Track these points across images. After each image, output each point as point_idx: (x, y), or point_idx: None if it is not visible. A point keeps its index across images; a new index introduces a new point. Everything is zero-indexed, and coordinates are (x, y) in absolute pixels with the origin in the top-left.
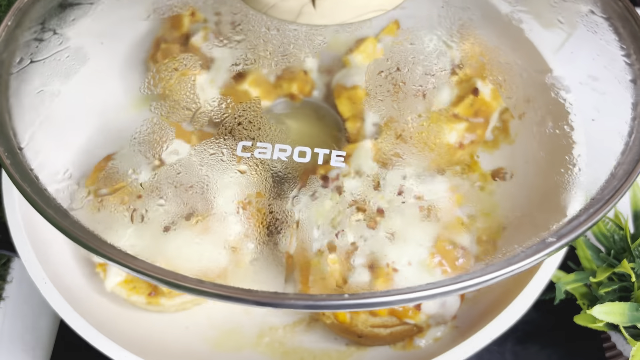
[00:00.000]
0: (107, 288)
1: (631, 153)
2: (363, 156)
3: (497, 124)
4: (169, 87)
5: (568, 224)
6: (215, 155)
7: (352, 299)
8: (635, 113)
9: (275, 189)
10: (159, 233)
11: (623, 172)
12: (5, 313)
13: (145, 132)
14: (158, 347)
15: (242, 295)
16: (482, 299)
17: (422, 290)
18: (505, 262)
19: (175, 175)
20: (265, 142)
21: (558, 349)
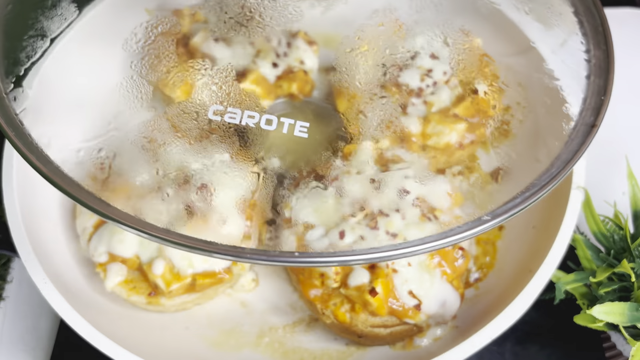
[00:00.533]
0: (107, 288)
1: (572, 143)
2: (363, 156)
3: (497, 124)
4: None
5: (504, 205)
6: (188, 115)
7: (301, 257)
8: (582, 107)
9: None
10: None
11: (561, 162)
12: (5, 313)
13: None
14: (158, 346)
15: (203, 246)
16: (482, 299)
17: (363, 254)
18: (443, 235)
19: (151, 132)
20: (235, 108)
21: (558, 349)
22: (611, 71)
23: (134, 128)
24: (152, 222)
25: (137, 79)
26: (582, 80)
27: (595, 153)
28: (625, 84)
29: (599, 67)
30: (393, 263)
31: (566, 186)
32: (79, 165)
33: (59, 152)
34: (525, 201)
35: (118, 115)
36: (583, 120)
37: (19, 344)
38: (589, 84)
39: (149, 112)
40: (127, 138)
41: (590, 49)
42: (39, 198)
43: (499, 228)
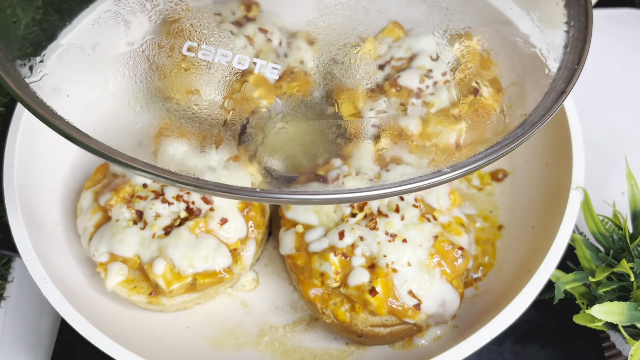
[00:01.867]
0: (108, 288)
1: (540, 109)
2: (363, 156)
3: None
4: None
5: (466, 160)
6: (163, 50)
7: (262, 192)
8: (556, 75)
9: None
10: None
11: (528, 124)
12: (6, 313)
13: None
14: (158, 346)
15: (169, 176)
16: (481, 299)
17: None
18: (403, 182)
19: (126, 63)
20: (209, 45)
21: (557, 349)
22: (587, 42)
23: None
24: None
25: (117, 13)
26: (558, 49)
27: (595, 153)
28: (626, 84)
29: (577, 38)
30: (393, 263)
31: (565, 186)
32: (55, 92)
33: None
34: (486, 157)
35: (96, 47)
36: (554, 87)
37: (20, 344)
38: (565, 54)
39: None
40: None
41: (570, 20)
42: (40, 198)
43: (499, 228)
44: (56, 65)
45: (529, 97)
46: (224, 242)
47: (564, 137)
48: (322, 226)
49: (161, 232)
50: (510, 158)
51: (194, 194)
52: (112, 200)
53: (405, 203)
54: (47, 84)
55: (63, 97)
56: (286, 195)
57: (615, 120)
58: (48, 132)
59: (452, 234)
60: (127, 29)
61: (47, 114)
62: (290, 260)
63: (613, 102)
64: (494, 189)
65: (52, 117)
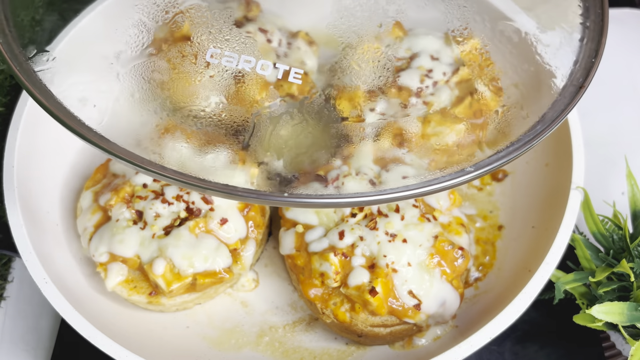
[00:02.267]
0: (108, 288)
1: (559, 103)
2: (363, 157)
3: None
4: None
5: (487, 159)
6: (186, 57)
7: (290, 197)
8: (573, 69)
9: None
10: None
11: (547, 120)
12: (6, 313)
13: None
14: (158, 346)
15: (198, 184)
16: (481, 299)
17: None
18: (426, 183)
19: (150, 72)
20: (232, 52)
21: (557, 349)
22: (604, 35)
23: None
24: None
25: (143, 21)
26: (575, 43)
27: (595, 153)
28: (626, 84)
29: (593, 31)
30: (393, 263)
31: (565, 186)
32: (81, 102)
33: (59, 87)
34: (508, 154)
35: (119, 55)
36: (572, 82)
37: (20, 344)
38: (582, 47)
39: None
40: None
41: (586, 13)
42: (40, 198)
43: (499, 228)
44: (80, 74)
45: (545, 93)
46: (224, 242)
47: (564, 137)
48: (322, 226)
49: (161, 232)
50: None
51: (193, 194)
52: (112, 200)
53: (405, 203)
54: (68, 91)
55: (89, 107)
56: (314, 199)
57: (615, 120)
58: (48, 132)
59: (452, 234)
60: (148, 36)
61: (50, 104)
62: (290, 260)
63: (613, 102)
64: (494, 189)
65: (62, 113)
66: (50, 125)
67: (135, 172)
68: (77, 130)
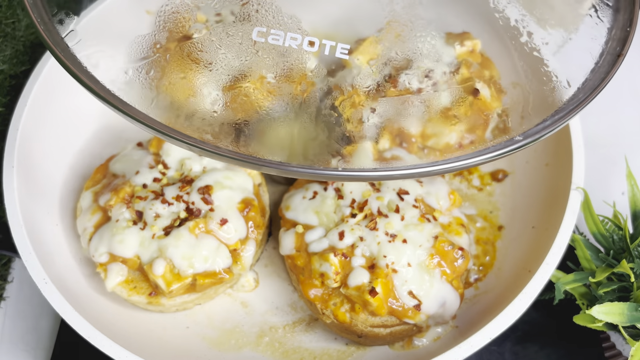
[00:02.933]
0: (108, 288)
1: (599, 71)
2: (363, 157)
3: (498, 124)
4: None
5: (535, 127)
6: (233, 37)
7: (344, 171)
8: (608, 37)
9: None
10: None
11: (589, 88)
12: (5, 313)
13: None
14: (158, 346)
15: (254, 162)
16: (481, 299)
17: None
18: (477, 153)
19: (197, 52)
20: (278, 30)
21: (557, 349)
22: (637, 4)
23: (179, 49)
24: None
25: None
26: (609, 12)
27: (595, 153)
28: (626, 84)
29: (626, 1)
30: (393, 263)
31: (565, 186)
32: (127, 85)
33: (106, 72)
34: (555, 123)
35: (161, 34)
36: (610, 50)
37: (20, 344)
38: (616, 17)
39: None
40: (174, 59)
41: None
42: (40, 198)
43: (499, 228)
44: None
45: (582, 61)
46: (224, 242)
47: (564, 137)
48: (322, 226)
49: (161, 233)
50: (510, 158)
51: (193, 195)
52: (112, 200)
53: (405, 203)
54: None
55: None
56: (366, 172)
57: (615, 120)
58: (48, 132)
59: (452, 235)
60: (194, 16)
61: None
62: (290, 260)
63: (613, 103)
64: (494, 189)
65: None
66: (50, 125)
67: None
68: (124, 111)
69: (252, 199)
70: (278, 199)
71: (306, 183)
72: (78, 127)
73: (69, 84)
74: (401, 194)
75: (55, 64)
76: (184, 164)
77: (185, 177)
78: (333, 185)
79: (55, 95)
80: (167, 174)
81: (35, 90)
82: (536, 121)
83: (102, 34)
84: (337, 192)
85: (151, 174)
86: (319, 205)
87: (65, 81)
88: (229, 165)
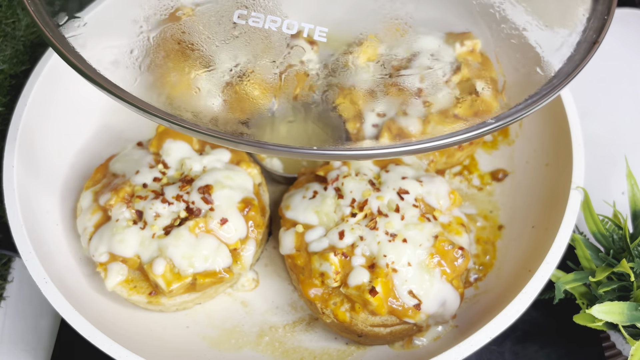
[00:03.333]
0: (108, 287)
1: (574, 58)
2: None
3: None
4: None
5: (507, 111)
6: (214, 19)
7: (319, 150)
8: (586, 26)
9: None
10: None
11: (563, 74)
12: (6, 313)
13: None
14: (158, 345)
15: (232, 139)
16: (481, 299)
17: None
18: (451, 134)
19: (180, 33)
20: (258, 12)
21: (557, 348)
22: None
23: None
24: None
25: None
26: (587, 2)
27: (595, 153)
28: (626, 84)
29: None
30: (393, 262)
31: (565, 186)
32: (113, 64)
33: (92, 52)
34: (526, 107)
35: (148, 18)
36: (586, 38)
37: (20, 344)
38: (595, 6)
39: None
40: (157, 40)
41: None
42: (40, 198)
43: (499, 228)
44: (110, 38)
45: (559, 47)
46: (224, 242)
47: (564, 137)
48: (322, 226)
49: (161, 232)
50: (511, 158)
51: (193, 194)
52: (112, 200)
53: (405, 203)
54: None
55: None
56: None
57: (615, 120)
58: (48, 132)
59: (453, 234)
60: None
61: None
62: (290, 260)
63: (613, 102)
64: (494, 189)
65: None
66: (50, 125)
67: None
68: (112, 91)
69: (252, 199)
70: (278, 199)
71: (306, 182)
72: (78, 127)
73: (69, 84)
74: (401, 194)
75: (55, 64)
76: (184, 164)
77: (185, 177)
78: (333, 184)
79: (55, 95)
80: (167, 174)
81: (35, 90)
82: (509, 105)
83: (91, 15)
84: (337, 192)
85: (151, 174)
86: (319, 205)
87: (65, 81)
88: (230, 165)
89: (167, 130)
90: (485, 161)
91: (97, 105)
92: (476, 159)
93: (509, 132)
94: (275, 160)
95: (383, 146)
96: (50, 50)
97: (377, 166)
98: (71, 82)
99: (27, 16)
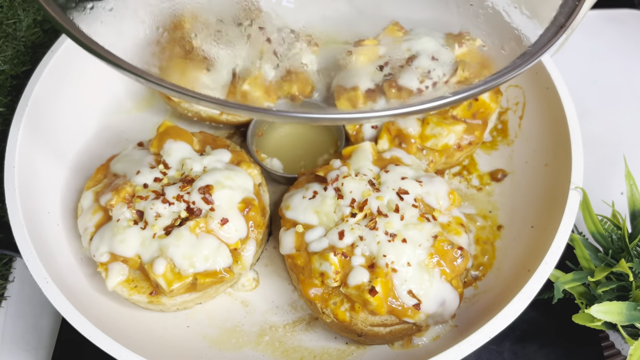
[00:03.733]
0: (109, 287)
1: (541, 40)
2: (362, 157)
3: (497, 125)
4: None
5: (467, 87)
6: None
7: (278, 111)
8: (558, 11)
9: None
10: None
11: (527, 55)
12: (6, 312)
13: None
14: (159, 345)
15: (195, 95)
16: (480, 298)
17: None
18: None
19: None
20: None
21: (556, 348)
22: None
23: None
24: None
25: None
26: None
27: (594, 153)
28: (625, 84)
29: None
30: (393, 262)
31: (564, 186)
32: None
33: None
34: (485, 84)
35: None
36: (555, 23)
37: (21, 343)
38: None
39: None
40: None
41: None
42: (41, 198)
43: (498, 228)
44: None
45: (528, 31)
46: (225, 242)
47: (563, 137)
48: (322, 226)
49: (162, 232)
50: (510, 158)
51: (194, 194)
52: (113, 200)
53: (404, 203)
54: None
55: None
56: (295, 114)
57: (614, 120)
58: (49, 132)
59: (452, 234)
60: None
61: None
62: (290, 260)
63: (612, 103)
64: (494, 189)
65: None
66: (51, 125)
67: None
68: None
69: (252, 199)
70: (278, 199)
71: (306, 183)
72: (79, 127)
73: (69, 84)
74: (401, 194)
75: (56, 64)
76: (185, 164)
77: (185, 177)
78: (333, 185)
79: (56, 96)
80: (167, 174)
81: (36, 91)
82: (470, 83)
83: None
84: (337, 192)
85: (152, 174)
86: (319, 205)
87: (66, 81)
88: (230, 165)
89: (168, 131)
90: (484, 161)
91: (98, 106)
92: (475, 159)
93: (508, 132)
94: (275, 160)
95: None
96: (50, 50)
97: (377, 166)
98: (72, 82)
99: (28, 17)
